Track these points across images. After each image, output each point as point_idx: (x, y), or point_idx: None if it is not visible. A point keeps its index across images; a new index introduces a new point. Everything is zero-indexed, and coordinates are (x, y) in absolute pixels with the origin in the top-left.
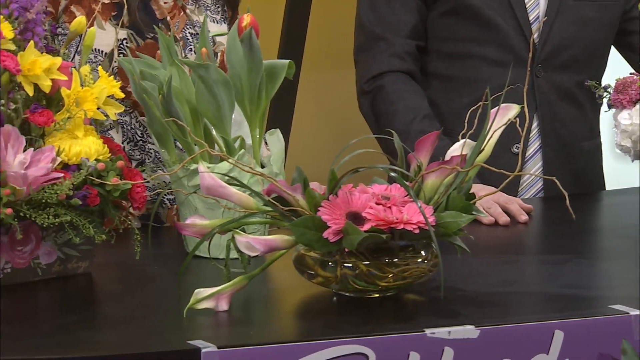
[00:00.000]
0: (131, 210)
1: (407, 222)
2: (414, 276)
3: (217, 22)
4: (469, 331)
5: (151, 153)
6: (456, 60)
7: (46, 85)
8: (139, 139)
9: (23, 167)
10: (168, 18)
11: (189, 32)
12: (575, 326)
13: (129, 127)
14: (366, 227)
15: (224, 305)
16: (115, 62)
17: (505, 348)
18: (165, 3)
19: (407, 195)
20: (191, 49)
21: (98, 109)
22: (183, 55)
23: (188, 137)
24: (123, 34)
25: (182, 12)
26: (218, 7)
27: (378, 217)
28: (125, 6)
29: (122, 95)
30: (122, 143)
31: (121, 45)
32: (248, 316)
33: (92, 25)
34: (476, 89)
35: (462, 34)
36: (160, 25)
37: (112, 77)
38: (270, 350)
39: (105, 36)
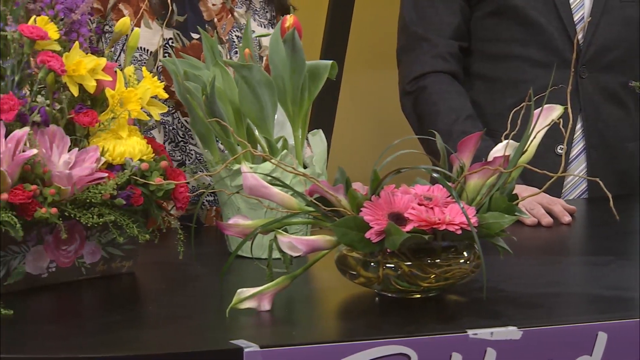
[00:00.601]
0: (173, 210)
1: (450, 223)
2: (456, 277)
3: (265, 26)
4: (511, 332)
5: (192, 154)
6: (500, 61)
7: (91, 85)
8: (180, 139)
9: (68, 167)
10: (215, 20)
11: (236, 35)
12: (619, 328)
13: (170, 128)
14: (408, 227)
15: (266, 305)
16: (160, 61)
17: (548, 349)
18: (213, 5)
19: (449, 196)
20: (237, 51)
21: (142, 109)
22: (228, 57)
23: (231, 138)
24: (169, 33)
25: (230, 15)
26: (266, 11)
27: (420, 217)
28: (172, 6)
29: (166, 95)
30: (164, 143)
31: (167, 45)
32: (290, 316)
33: (139, 24)
34: (519, 89)
35: (506, 35)
36: (206, 26)
37: (155, 76)
38: (313, 350)
39: (152, 35)
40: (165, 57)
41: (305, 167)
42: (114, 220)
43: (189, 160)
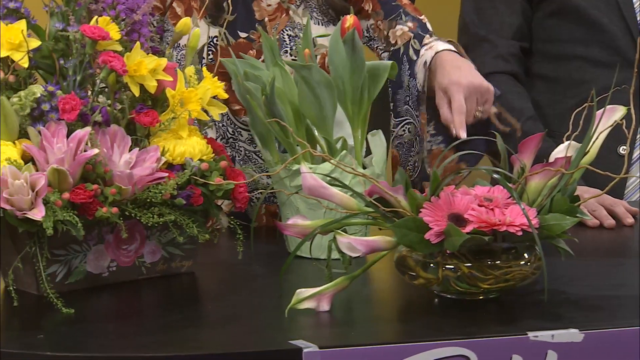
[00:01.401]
0: (227, 210)
1: (510, 224)
2: (517, 279)
3: (323, 24)
4: (573, 335)
5: (241, 151)
6: (561, 61)
7: (152, 85)
8: (229, 136)
9: (129, 166)
10: (266, 19)
11: (287, 34)
12: None
13: (220, 125)
14: (468, 228)
15: (325, 306)
16: (204, 59)
17: (610, 353)
18: (268, 5)
19: (510, 197)
20: (286, 50)
21: (202, 109)
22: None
23: (290, 138)
24: (214, 31)
25: (285, 14)
26: (324, 9)
27: (480, 218)
28: (229, 4)
29: (226, 96)
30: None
31: (211, 43)
32: (349, 317)
33: None
34: (581, 90)
35: (568, 35)
36: (256, 26)
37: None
38: (372, 351)
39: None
40: (209, 53)
41: (364, 167)
42: (174, 220)
43: (239, 157)
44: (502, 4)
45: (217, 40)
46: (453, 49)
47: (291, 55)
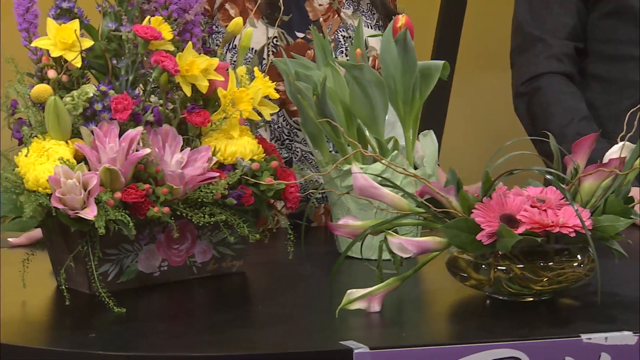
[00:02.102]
0: (283, 209)
1: (563, 226)
2: (570, 280)
3: (371, 27)
4: (626, 337)
5: (298, 152)
6: (617, 62)
7: (203, 85)
8: (285, 137)
9: (180, 166)
10: (321, 20)
11: (342, 35)
12: None
13: (276, 126)
14: (520, 229)
15: (376, 307)
16: (265, 59)
17: None
18: (320, 5)
19: (563, 198)
20: (342, 51)
21: (253, 109)
22: (334, 57)
23: (341, 138)
24: (274, 32)
25: (337, 15)
26: (373, 13)
27: (533, 219)
28: (281, 5)
29: (277, 95)
30: (270, 142)
31: (271, 44)
32: (400, 317)
33: (244, 23)
34: (637, 91)
35: (623, 36)
36: (312, 26)
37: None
38: (423, 353)
39: (256, 34)
40: (270, 54)
41: (415, 167)
42: (225, 220)
43: (296, 158)
44: (556, 4)
45: (277, 41)
46: None
47: (347, 55)
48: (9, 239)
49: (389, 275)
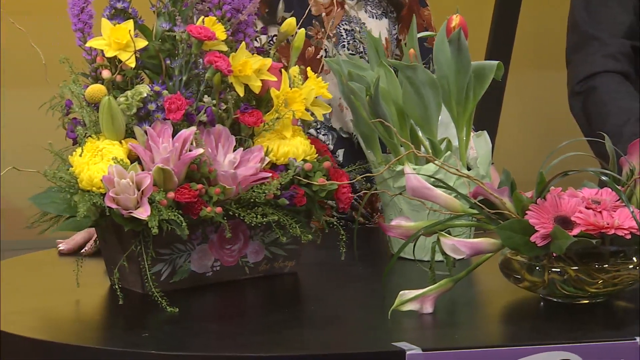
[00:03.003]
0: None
1: (619, 227)
2: (625, 283)
3: (377, 17)
4: None
5: None
6: None
7: (256, 86)
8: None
9: (233, 166)
10: (323, 15)
11: (344, 29)
12: None
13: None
14: (575, 231)
15: (428, 308)
16: (324, 61)
17: None
18: None
19: (618, 199)
20: (344, 45)
21: (306, 109)
22: (335, 52)
23: (394, 138)
24: (274, 30)
25: (340, 8)
26: (377, 2)
27: (588, 221)
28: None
29: (330, 96)
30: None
31: (271, 42)
32: (453, 319)
33: None
34: None
35: None
36: (314, 22)
37: None
38: (476, 354)
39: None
40: (327, 59)
41: (469, 168)
42: (277, 220)
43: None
44: (614, 3)
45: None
46: None
47: (349, 49)
48: (60, 246)
49: (442, 277)
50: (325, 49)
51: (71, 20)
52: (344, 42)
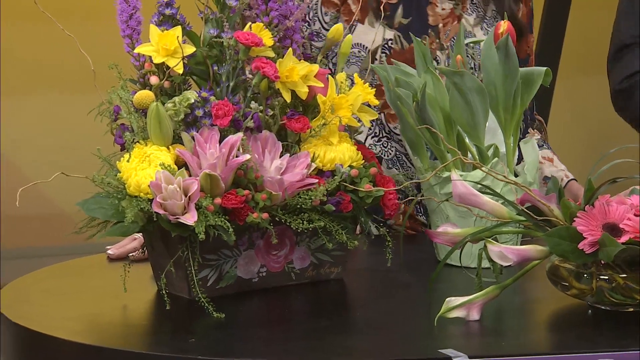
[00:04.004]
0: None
1: None
2: None
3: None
4: None
5: (392, 151)
6: None
7: (303, 92)
8: (384, 134)
9: (279, 172)
10: (440, 25)
11: None
12: None
13: (373, 123)
14: (624, 239)
15: (475, 315)
16: (377, 60)
17: None
18: (443, 9)
19: None
20: None
21: (352, 115)
22: (446, 64)
23: (441, 145)
24: (390, 34)
25: (457, 22)
26: (497, 20)
27: (636, 229)
28: (399, 9)
29: (377, 102)
30: (365, 138)
31: (385, 45)
32: (499, 326)
33: (363, 20)
34: None
35: None
36: (430, 31)
37: (369, 75)
38: None
39: (373, 33)
40: (382, 56)
41: (516, 175)
42: (323, 226)
43: (388, 157)
44: None
45: (392, 44)
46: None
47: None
48: (108, 252)
49: (489, 284)
50: (437, 60)
51: (120, 26)
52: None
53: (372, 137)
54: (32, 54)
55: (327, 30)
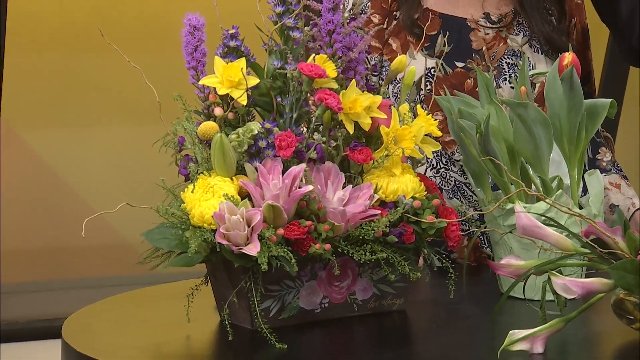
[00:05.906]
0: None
1: None
2: None
3: (542, 53)
4: None
5: (451, 181)
6: None
7: (366, 123)
8: (442, 166)
9: (342, 203)
10: (484, 48)
11: (506, 62)
12: None
13: (434, 154)
14: None
15: (539, 348)
16: (422, 90)
17: None
18: (487, 34)
19: None
20: (505, 78)
21: (415, 146)
22: (495, 84)
23: (504, 176)
24: (432, 62)
25: (503, 43)
26: (542, 40)
27: None
28: (443, 38)
29: (440, 133)
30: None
31: (428, 74)
32: (564, 359)
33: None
34: None
35: None
36: (474, 55)
37: (418, 105)
38: None
39: (415, 64)
40: (427, 84)
41: (580, 207)
42: (386, 258)
43: (448, 187)
44: None
45: (434, 71)
46: None
47: (510, 82)
48: None
49: (553, 317)
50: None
51: (185, 58)
52: (505, 74)
53: (431, 170)
54: (98, 85)
55: (372, 74)
